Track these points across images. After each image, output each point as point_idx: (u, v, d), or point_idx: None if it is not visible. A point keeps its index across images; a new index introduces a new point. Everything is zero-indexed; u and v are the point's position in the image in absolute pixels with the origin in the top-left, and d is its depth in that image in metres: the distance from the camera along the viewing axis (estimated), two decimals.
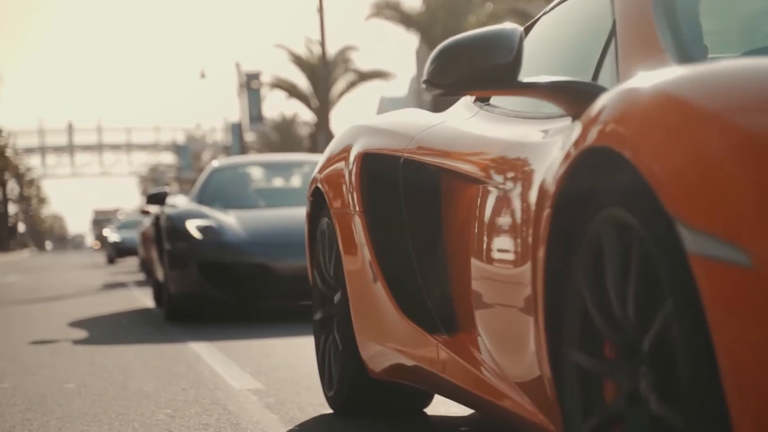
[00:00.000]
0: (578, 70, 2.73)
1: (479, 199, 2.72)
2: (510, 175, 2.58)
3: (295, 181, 10.17)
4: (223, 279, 8.12)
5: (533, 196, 2.31)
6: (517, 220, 2.44)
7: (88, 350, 6.62)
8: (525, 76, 2.52)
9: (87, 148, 78.10)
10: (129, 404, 4.34)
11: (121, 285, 16.19)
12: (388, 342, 3.30)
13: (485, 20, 28.34)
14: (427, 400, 3.79)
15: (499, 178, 2.64)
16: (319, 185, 3.81)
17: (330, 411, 3.97)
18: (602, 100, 1.98)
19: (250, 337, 6.98)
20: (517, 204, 2.46)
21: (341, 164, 3.60)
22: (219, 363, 5.62)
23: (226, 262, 8.16)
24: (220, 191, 9.56)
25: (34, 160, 77.26)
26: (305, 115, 60.17)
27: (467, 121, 3.14)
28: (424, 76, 2.59)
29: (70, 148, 77.07)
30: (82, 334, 7.83)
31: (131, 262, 29.63)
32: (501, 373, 2.60)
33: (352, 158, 3.51)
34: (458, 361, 2.85)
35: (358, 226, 3.39)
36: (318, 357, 4.00)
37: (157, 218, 9.81)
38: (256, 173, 10.31)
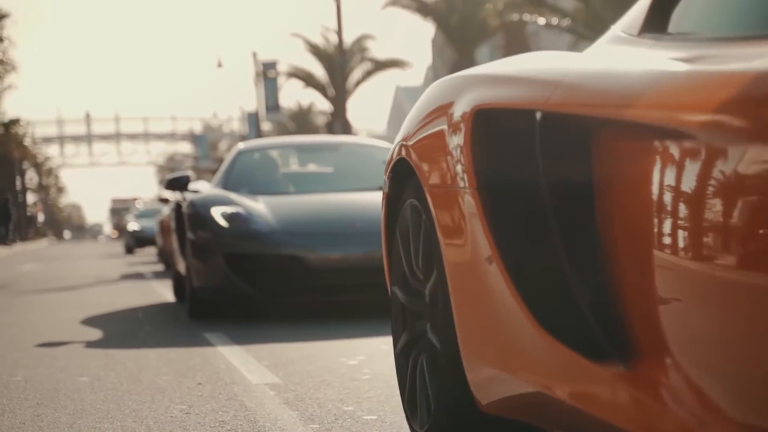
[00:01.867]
0: None
1: (678, 169, 1.83)
2: (736, 132, 1.69)
3: (329, 165, 9.16)
4: (252, 272, 7.32)
5: None
6: (751, 198, 1.63)
7: (103, 342, 6.51)
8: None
9: (105, 137, 78.30)
10: (143, 399, 4.22)
11: (138, 276, 16.10)
12: (513, 365, 2.30)
13: (502, 9, 28.09)
14: None
15: (717, 138, 1.73)
16: (406, 156, 2.84)
17: (351, 407, 3.84)
18: None
19: (266, 329, 6.85)
20: (749, 173, 1.63)
21: (441, 126, 2.62)
22: (235, 356, 5.49)
23: (256, 253, 7.34)
24: (247, 175, 8.63)
25: (52, 150, 77.54)
26: (321, 104, 60.03)
27: (642, 58, 2.19)
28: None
29: (88, 138, 77.24)
30: (97, 325, 7.72)
31: (149, 251, 29.53)
32: (724, 426, 1.72)
33: (458, 117, 2.51)
34: (637, 401, 1.92)
35: (469, 207, 2.40)
36: (402, 382, 3.00)
37: (177, 205, 9.01)
38: (286, 156, 9.38)
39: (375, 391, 4.21)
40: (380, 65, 42.67)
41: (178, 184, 8.62)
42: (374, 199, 7.50)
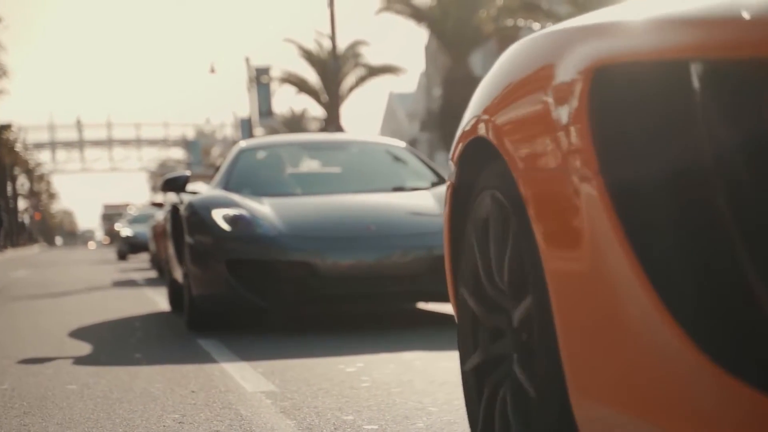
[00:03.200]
0: None
1: None
2: None
3: (338, 165, 8.46)
4: (257, 280, 6.64)
5: None
6: None
7: (94, 349, 6.35)
8: None
9: (97, 143, 78.09)
10: (134, 408, 4.06)
11: (131, 282, 15.92)
12: (651, 405, 1.60)
13: (496, 15, 28.01)
14: None
15: None
16: (486, 135, 2.18)
17: (351, 417, 3.69)
18: None
19: (261, 335, 6.69)
20: None
21: (541, 94, 1.91)
22: (229, 362, 5.34)
23: (261, 259, 6.65)
24: (250, 176, 7.94)
25: (44, 156, 77.28)
26: (315, 110, 59.94)
27: None
28: None
29: (79, 144, 77.02)
30: (88, 332, 7.56)
31: (143, 257, 29.21)
32: None
33: (567, 79, 1.81)
34: None
35: (588, 199, 1.69)
36: (473, 409, 2.39)
37: (174, 208, 8.40)
38: (291, 155, 8.59)
39: (375, 399, 4.06)
40: (374, 71, 42.58)
41: (176, 184, 7.87)
42: (389, 200, 7.26)
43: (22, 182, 72.27)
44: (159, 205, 15.34)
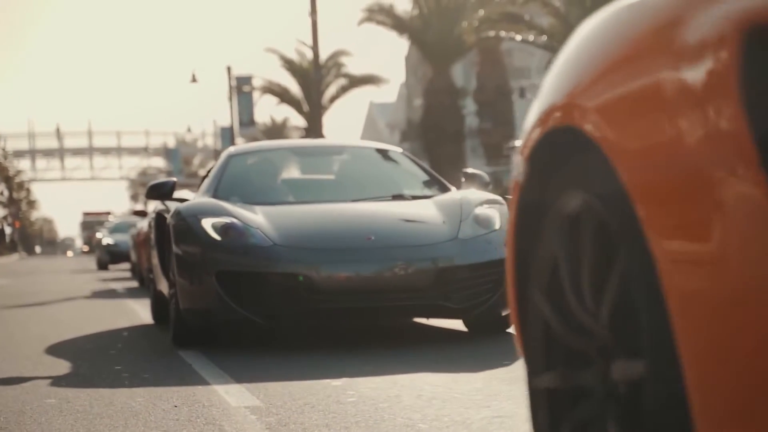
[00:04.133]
0: None
1: None
2: None
3: (332, 171, 8.03)
4: (249, 293, 6.21)
5: None
6: None
7: (73, 361, 6.23)
8: None
9: (77, 152, 77.68)
10: (115, 423, 3.97)
11: (111, 293, 15.77)
12: None
13: (478, 25, 28.02)
14: None
15: None
16: (576, 123, 1.69)
17: None
18: None
19: (243, 347, 6.61)
20: None
21: (657, 69, 1.47)
22: (212, 375, 5.24)
23: (253, 271, 6.24)
24: (240, 182, 7.49)
25: (23, 164, 76.82)
26: (296, 119, 59.79)
27: None
28: None
29: (60, 152, 76.62)
30: (67, 343, 7.44)
31: (123, 266, 28.76)
32: None
33: (707, 45, 1.36)
34: None
35: (743, 198, 1.29)
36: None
37: (159, 215, 7.99)
38: (283, 161, 8.08)
39: (363, 415, 3.98)
40: (355, 81, 42.56)
41: (162, 191, 7.44)
42: (388, 209, 6.86)
43: (1, 190, 71.82)
44: (141, 214, 15.19)
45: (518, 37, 25.83)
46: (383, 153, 8.13)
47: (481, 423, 3.72)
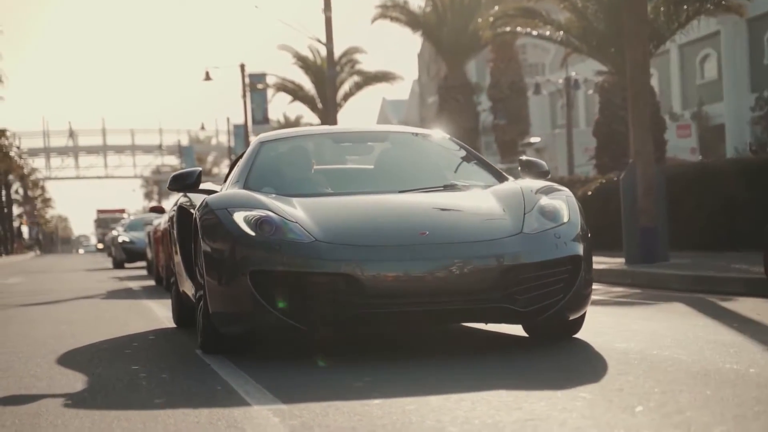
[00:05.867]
0: None
1: None
2: None
3: (375, 160, 7.15)
4: (288, 295, 5.46)
5: None
6: None
7: (90, 361, 6.11)
8: None
9: (91, 150, 77.74)
10: (134, 427, 3.83)
11: (128, 292, 15.66)
12: None
13: (493, 21, 27.86)
14: None
15: None
16: None
17: None
18: None
19: (262, 347, 6.46)
20: None
21: None
22: (233, 376, 5.10)
23: (293, 270, 5.44)
24: (272, 172, 6.76)
25: (38, 162, 76.95)
26: (309, 117, 59.67)
27: None
28: None
29: (74, 150, 76.71)
30: (84, 342, 7.32)
31: (140, 264, 28.27)
32: None
33: None
34: None
35: None
36: None
37: (181, 209, 7.37)
38: (319, 149, 7.41)
39: (389, 417, 3.83)
40: (369, 78, 42.40)
41: (186, 182, 6.71)
42: (443, 200, 6.07)
43: (17, 188, 71.92)
44: (158, 210, 14.97)
45: (534, 33, 25.64)
46: (428, 138, 7.42)
47: (513, 426, 3.57)
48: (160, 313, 9.72)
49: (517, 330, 6.38)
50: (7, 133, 56.46)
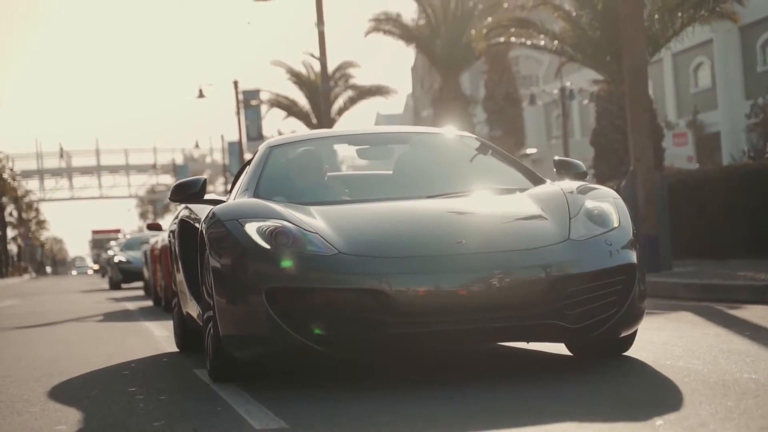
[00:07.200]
0: None
1: None
2: None
3: (395, 163, 6.52)
4: (308, 314, 4.85)
5: None
6: None
7: (85, 383, 5.93)
8: None
9: (85, 171, 77.61)
10: None
11: (125, 314, 15.46)
12: None
13: (487, 32, 27.80)
14: None
15: None
16: None
17: None
18: None
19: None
20: None
21: None
22: (232, 395, 4.91)
23: (314, 287, 4.85)
24: (284, 178, 6.17)
25: (32, 184, 76.80)
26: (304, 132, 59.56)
27: None
28: None
29: (68, 171, 76.60)
30: (79, 364, 7.13)
31: (137, 284, 27.80)
32: None
33: None
34: None
35: None
36: None
37: (183, 223, 6.85)
38: (333, 153, 6.86)
39: None
40: (364, 92, 42.31)
41: (189, 191, 6.12)
42: (478, 206, 5.50)
43: (11, 211, 71.68)
44: (155, 227, 14.69)
45: (528, 42, 25.54)
46: (453, 139, 6.81)
47: None
48: (158, 334, 9.54)
49: (549, 348, 6.07)
50: (0, 156, 56.29)
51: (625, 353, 5.53)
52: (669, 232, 12.77)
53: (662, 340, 6.26)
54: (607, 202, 5.41)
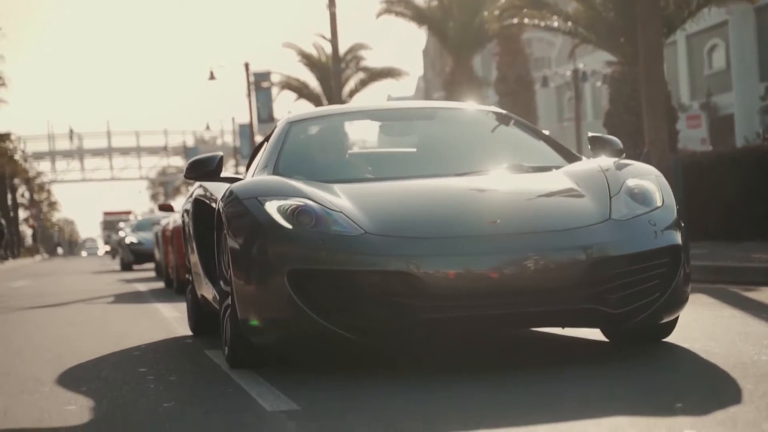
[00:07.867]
0: None
1: None
2: None
3: (422, 140, 6.23)
4: (332, 298, 4.63)
5: None
6: None
7: (96, 364, 5.89)
8: None
9: (96, 152, 77.71)
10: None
11: (135, 295, 15.45)
12: None
13: (500, 13, 27.62)
14: None
15: None
16: None
17: None
18: None
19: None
20: None
21: None
22: (244, 377, 4.85)
23: (339, 269, 4.60)
24: (305, 156, 5.86)
25: (43, 166, 76.96)
26: None
27: None
28: None
29: (79, 153, 76.70)
30: (89, 345, 7.10)
31: (149, 266, 27.79)
32: None
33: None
34: None
35: None
36: None
37: (198, 202, 6.61)
38: (356, 129, 6.54)
39: (415, 421, 3.60)
40: (375, 74, 42.19)
41: (206, 169, 5.79)
42: (513, 184, 5.22)
43: (22, 192, 71.87)
44: (167, 208, 14.59)
45: (542, 24, 25.37)
46: (482, 114, 6.47)
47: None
48: (169, 315, 9.50)
49: (580, 333, 5.77)
50: (12, 137, 56.36)
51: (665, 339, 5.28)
52: (683, 214, 12.69)
53: (679, 322, 6.18)
54: (648, 179, 5.11)
